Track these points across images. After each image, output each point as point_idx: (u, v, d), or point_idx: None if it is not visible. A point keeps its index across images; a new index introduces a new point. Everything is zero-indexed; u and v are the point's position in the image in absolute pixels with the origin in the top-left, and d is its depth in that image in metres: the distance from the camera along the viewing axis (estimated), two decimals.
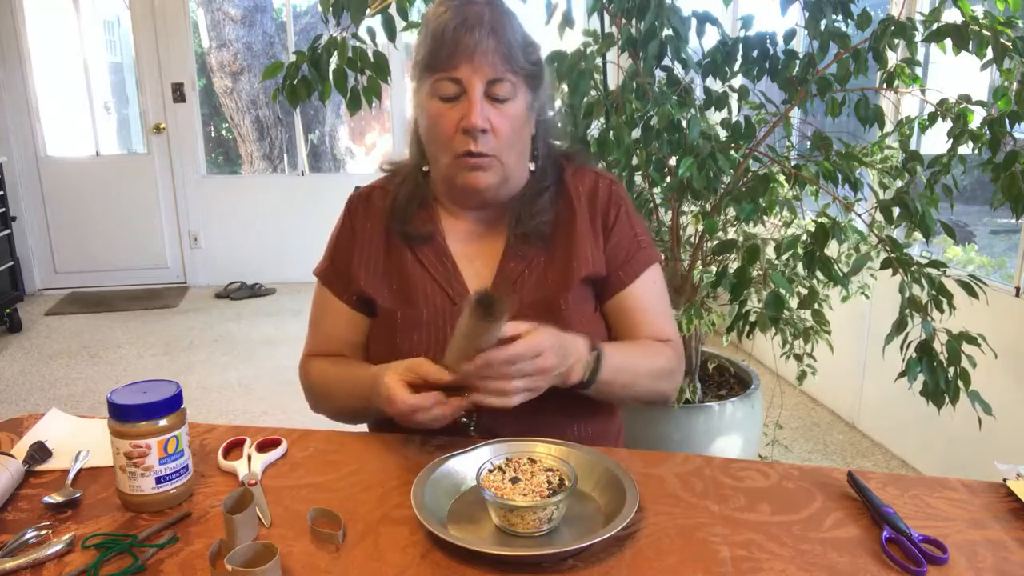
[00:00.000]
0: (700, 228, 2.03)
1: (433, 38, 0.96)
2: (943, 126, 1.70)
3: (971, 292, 1.55)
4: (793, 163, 1.81)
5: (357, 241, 1.11)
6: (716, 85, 1.82)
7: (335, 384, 1.09)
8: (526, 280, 1.06)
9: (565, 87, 1.73)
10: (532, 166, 1.09)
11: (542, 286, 1.05)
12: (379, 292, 1.08)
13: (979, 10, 1.56)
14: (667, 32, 1.63)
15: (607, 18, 1.78)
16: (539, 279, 1.06)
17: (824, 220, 1.72)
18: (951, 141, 1.65)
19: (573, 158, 1.15)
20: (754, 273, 1.70)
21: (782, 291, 1.70)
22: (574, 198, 1.09)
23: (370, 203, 1.13)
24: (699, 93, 1.84)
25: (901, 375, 1.57)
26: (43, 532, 0.78)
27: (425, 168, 1.10)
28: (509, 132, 0.99)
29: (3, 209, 4.10)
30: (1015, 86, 1.58)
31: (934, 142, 1.98)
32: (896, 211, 1.64)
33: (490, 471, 0.81)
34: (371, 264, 1.10)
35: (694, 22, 1.68)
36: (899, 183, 1.88)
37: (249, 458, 0.93)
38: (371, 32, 1.67)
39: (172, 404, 0.83)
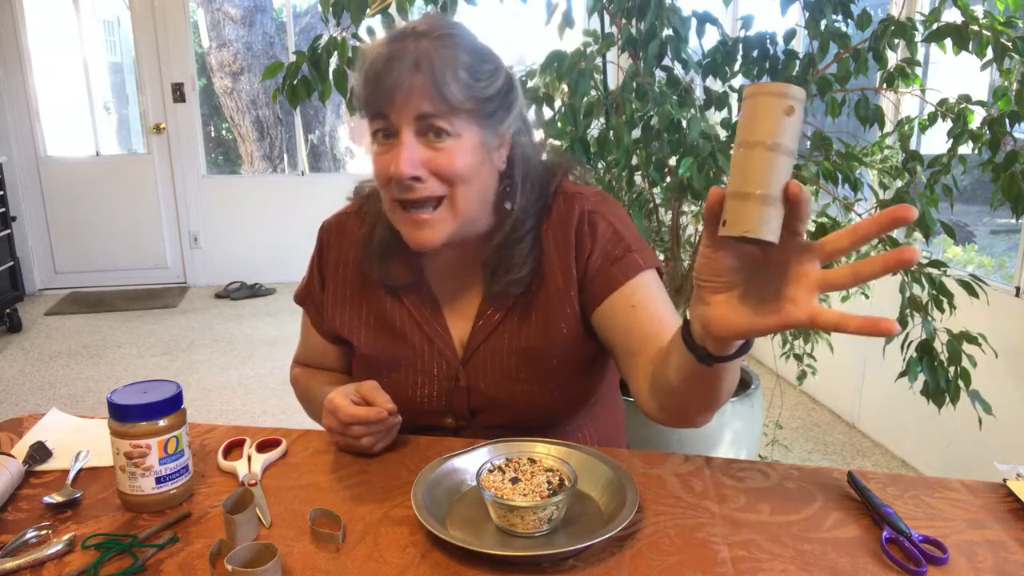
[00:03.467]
0: (700, 228, 2.03)
1: (364, 77, 0.89)
2: (943, 126, 1.70)
3: (971, 292, 1.55)
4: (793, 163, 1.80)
5: (329, 276, 1.08)
6: (716, 85, 1.82)
7: (304, 399, 1.15)
8: (507, 325, 1.01)
9: (565, 87, 1.73)
10: (509, 205, 0.98)
11: (524, 333, 1.00)
12: (355, 333, 1.06)
13: (979, 10, 1.56)
14: (667, 32, 1.63)
15: (607, 18, 1.78)
16: (519, 325, 1.00)
17: (824, 220, 1.72)
18: (951, 141, 1.65)
19: (569, 171, 1.05)
20: None
21: None
22: (555, 238, 0.99)
23: (343, 233, 1.08)
24: (699, 93, 1.84)
25: (902, 375, 1.57)
26: (43, 532, 0.78)
27: None
28: (457, 169, 0.89)
29: (3, 209, 4.10)
30: (1015, 86, 1.58)
31: (934, 142, 1.98)
32: None
33: (490, 471, 0.81)
34: (345, 301, 1.07)
35: (694, 22, 1.68)
36: (899, 183, 1.88)
37: (249, 458, 0.93)
38: (371, 32, 1.67)
39: (172, 404, 0.83)
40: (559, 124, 1.73)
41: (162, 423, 0.81)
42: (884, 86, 1.75)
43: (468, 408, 1.03)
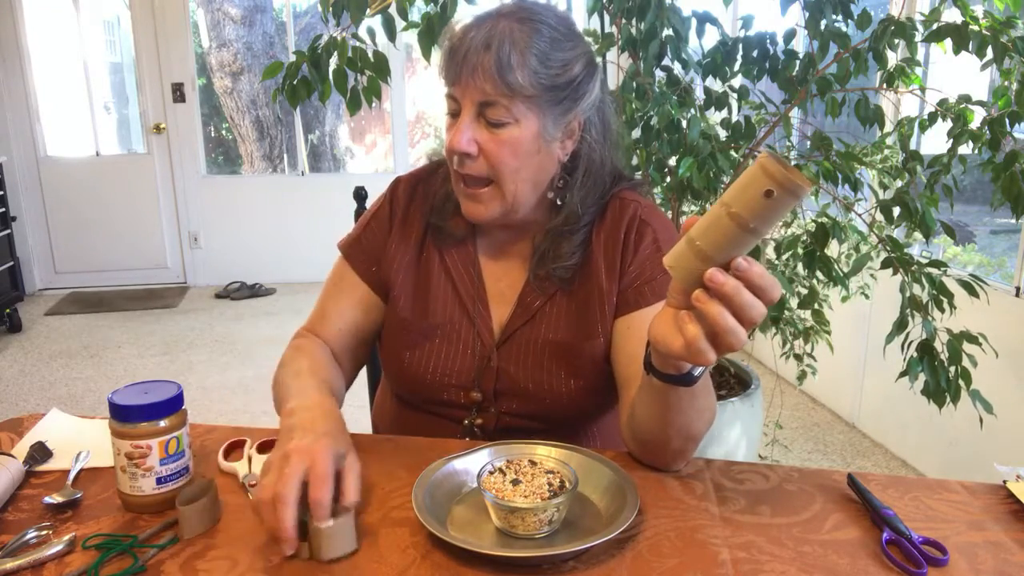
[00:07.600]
0: None
1: (442, 52, 0.95)
2: (943, 126, 1.70)
3: (972, 292, 1.55)
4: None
5: (395, 223, 1.09)
6: (716, 85, 1.82)
7: (280, 383, 1.02)
8: (546, 314, 1.03)
9: None
10: (558, 200, 1.01)
11: (561, 326, 1.02)
12: (401, 289, 1.07)
13: (979, 10, 1.56)
14: (667, 32, 1.63)
15: (607, 18, 1.78)
16: (558, 316, 1.03)
17: (824, 220, 1.72)
18: (951, 141, 1.65)
19: (637, 187, 1.07)
20: None
21: (782, 291, 1.69)
22: (607, 237, 1.02)
23: (412, 196, 1.10)
24: (699, 93, 1.84)
25: (902, 375, 1.57)
26: (44, 532, 0.78)
27: None
28: (506, 158, 0.93)
29: (3, 209, 4.10)
30: (1015, 86, 1.58)
31: (934, 142, 1.98)
32: (896, 211, 1.64)
33: (491, 473, 0.81)
34: (402, 256, 1.08)
35: (694, 22, 1.68)
36: (899, 183, 1.88)
37: (250, 459, 0.93)
38: (371, 32, 1.67)
39: (173, 405, 0.83)
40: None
41: (163, 424, 0.81)
42: (884, 86, 1.75)
43: (493, 389, 1.04)
